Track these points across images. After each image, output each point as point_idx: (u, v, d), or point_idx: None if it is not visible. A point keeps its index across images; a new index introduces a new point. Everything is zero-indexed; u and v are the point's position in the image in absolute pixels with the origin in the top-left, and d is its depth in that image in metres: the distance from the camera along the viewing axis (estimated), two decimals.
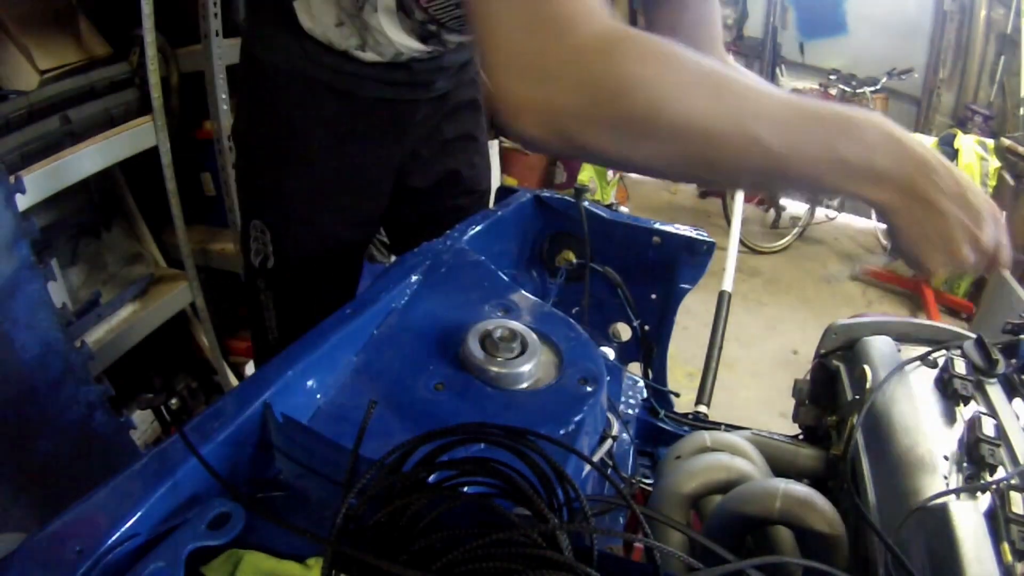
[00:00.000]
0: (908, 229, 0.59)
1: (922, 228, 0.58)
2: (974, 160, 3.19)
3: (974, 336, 0.83)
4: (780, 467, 0.85)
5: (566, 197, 1.08)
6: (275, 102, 1.00)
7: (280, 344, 1.22)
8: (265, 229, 1.08)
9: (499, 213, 1.01)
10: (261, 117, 1.04)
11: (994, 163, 3.21)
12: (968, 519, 0.57)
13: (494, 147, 3.15)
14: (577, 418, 0.61)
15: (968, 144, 3.22)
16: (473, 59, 1.12)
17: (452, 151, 1.17)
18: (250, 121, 1.06)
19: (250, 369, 1.99)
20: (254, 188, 1.10)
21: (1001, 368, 0.77)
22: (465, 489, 0.48)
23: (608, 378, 0.68)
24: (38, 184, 1.29)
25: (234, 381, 1.98)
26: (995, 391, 0.76)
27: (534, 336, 0.65)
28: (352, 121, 1.01)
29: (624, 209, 1.46)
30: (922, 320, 0.95)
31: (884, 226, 0.60)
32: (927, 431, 0.70)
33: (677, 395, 1.11)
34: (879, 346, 0.87)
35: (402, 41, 0.91)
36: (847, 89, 4.08)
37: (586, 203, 1.07)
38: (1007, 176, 3.25)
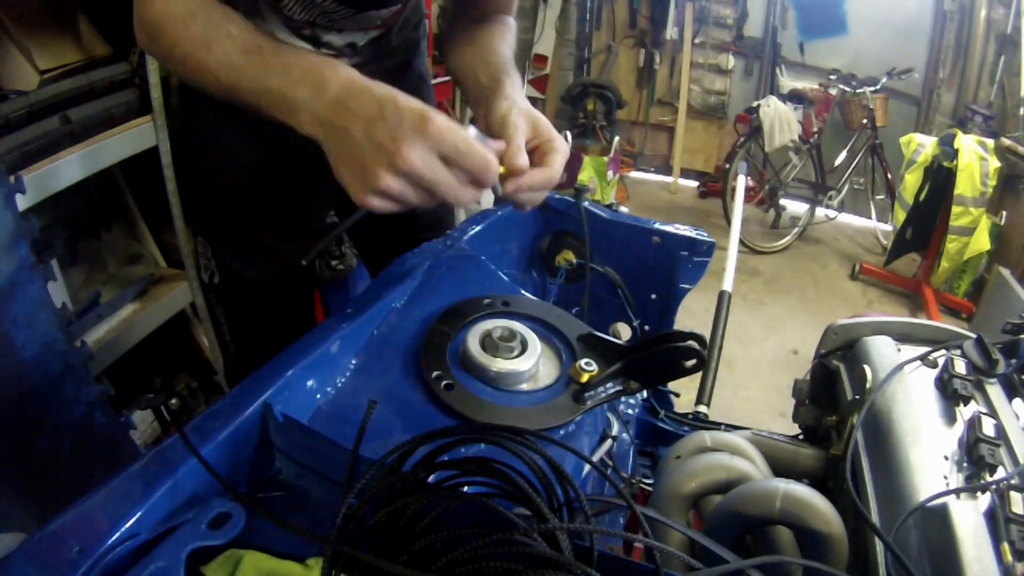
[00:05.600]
0: (332, 158, 0.61)
1: (341, 156, 0.60)
2: (974, 160, 3.19)
3: (974, 336, 0.83)
4: (780, 467, 0.85)
5: (566, 197, 1.08)
6: (202, 118, 1.01)
7: (239, 360, 1.21)
8: (207, 245, 1.08)
9: (499, 213, 1.01)
10: (192, 134, 1.04)
11: (994, 163, 3.21)
12: (968, 519, 0.57)
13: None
14: (577, 418, 0.61)
15: (968, 144, 3.22)
16: (413, 62, 1.11)
17: None
18: (183, 138, 1.07)
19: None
20: (194, 205, 1.11)
21: (1001, 368, 0.77)
22: (465, 489, 0.48)
23: None
24: (38, 184, 1.29)
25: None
26: (995, 391, 0.76)
27: (534, 336, 0.65)
28: (275, 129, 1.00)
29: (624, 209, 1.46)
30: (922, 320, 0.95)
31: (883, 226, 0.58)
32: (927, 431, 0.70)
33: (677, 395, 1.11)
34: (879, 346, 0.87)
35: (294, 44, 0.90)
36: (847, 89, 4.08)
37: (586, 203, 1.07)
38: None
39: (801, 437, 1.00)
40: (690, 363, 0.60)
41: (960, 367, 0.76)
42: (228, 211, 1.05)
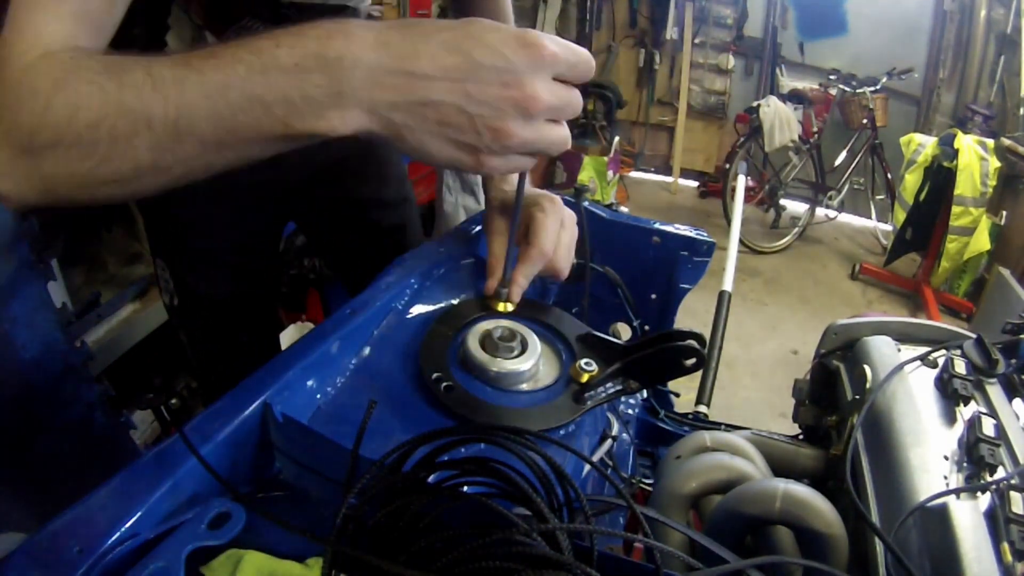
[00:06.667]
0: (418, 144, 0.46)
1: (436, 136, 0.46)
2: (974, 160, 3.19)
3: (974, 336, 0.83)
4: (780, 467, 0.85)
5: (566, 197, 1.08)
6: None
7: (203, 381, 1.20)
8: (165, 267, 1.06)
9: None
10: None
11: (994, 163, 3.21)
12: (968, 519, 0.57)
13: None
14: (577, 418, 0.61)
15: (968, 144, 3.22)
16: None
17: (346, 168, 1.10)
18: None
19: None
20: (152, 225, 1.08)
21: (1001, 368, 0.77)
22: (465, 489, 0.48)
23: None
24: None
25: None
26: (995, 391, 0.76)
27: (534, 336, 0.65)
28: None
29: (624, 209, 1.46)
30: (922, 320, 0.95)
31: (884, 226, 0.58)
32: (927, 431, 0.70)
33: (677, 395, 1.11)
34: (879, 346, 0.87)
35: None
36: (847, 89, 4.08)
37: (586, 203, 1.07)
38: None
39: (801, 437, 1.00)
40: (690, 362, 0.60)
41: (960, 367, 0.76)
42: (185, 227, 1.03)
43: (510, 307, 0.70)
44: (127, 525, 0.43)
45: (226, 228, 1.04)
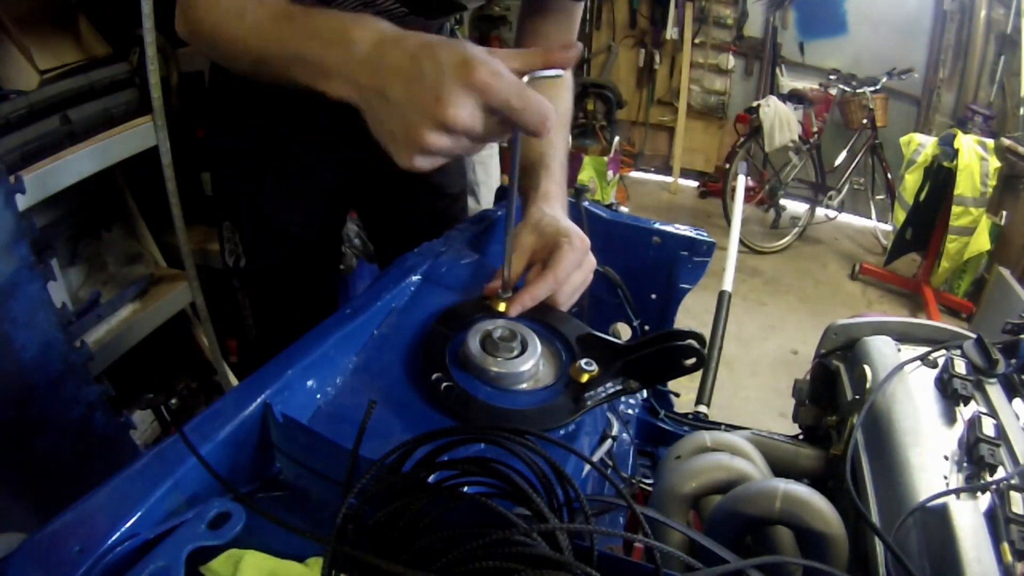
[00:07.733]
0: (370, 120, 0.57)
1: (380, 118, 0.55)
2: (974, 160, 3.19)
3: (974, 336, 0.83)
4: (780, 467, 0.85)
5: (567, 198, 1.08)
6: (237, 105, 1.04)
7: (260, 341, 1.24)
8: (234, 230, 1.11)
9: (499, 213, 1.01)
10: (226, 121, 1.07)
11: (994, 163, 3.21)
12: (968, 519, 0.57)
13: (494, 148, 3.14)
14: (577, 418, 0.61)
15: (968, 144, 3.22)
16: None
17: None
18: (216, 126, 1.10)
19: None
20: (222, 191, 1.13)
21: (1001, 368, 0.77)
22: (465, 489, 0.48)
23: None
24: (38, 184, 1.29)
25: (234, 381, 1.98)
26: (995, 391, 0.76)
27: (534, 336, 0.65)
28: (299, 122, 1.01)
29: (624, 209, 1.46)
30: (922, 320, 0.95)
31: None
32: (927, 431, 0.70)
33: (677, 395, 1.11)
34: (879, 346, 0.87)
35: None
36: (847, 89, 4.07)
37: (586, 203, 1.07)
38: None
39: (801, 437, 1.00)
40: (690, 362, 0.60)
41: (960, 367, 0.76)
42: (256, 195, 1.08)
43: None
44: (127, 525, 0.43)
45: (292, 199, 1.09)
